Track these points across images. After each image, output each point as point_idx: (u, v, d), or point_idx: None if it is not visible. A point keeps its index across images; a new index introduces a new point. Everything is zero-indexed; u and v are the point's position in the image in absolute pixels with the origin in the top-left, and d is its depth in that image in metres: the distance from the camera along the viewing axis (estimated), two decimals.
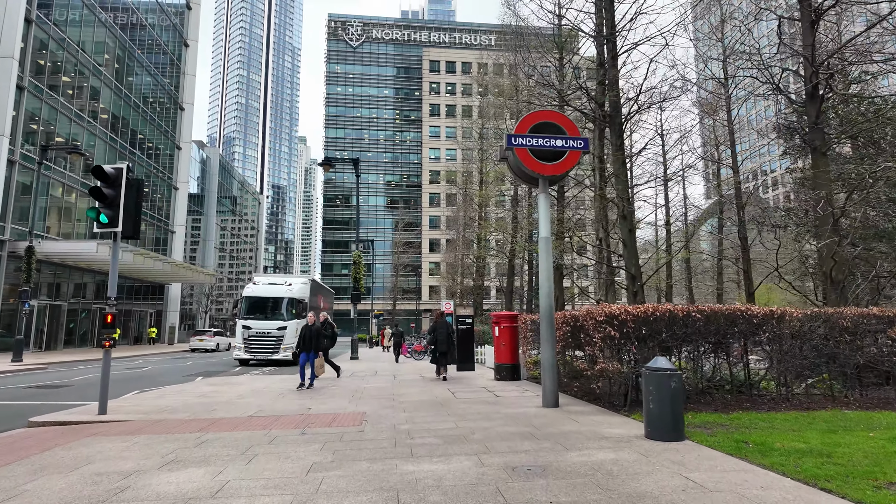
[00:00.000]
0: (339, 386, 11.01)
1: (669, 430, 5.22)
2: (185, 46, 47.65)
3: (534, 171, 7.67)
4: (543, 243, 7.72)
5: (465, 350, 14.60)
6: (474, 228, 34.01)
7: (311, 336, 10.30)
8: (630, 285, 10.72)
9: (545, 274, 7.62)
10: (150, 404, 8.63)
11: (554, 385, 7.39)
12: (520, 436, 5.52)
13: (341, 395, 9.48)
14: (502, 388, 10.05)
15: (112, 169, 7.70)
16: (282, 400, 8.92)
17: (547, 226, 7.78)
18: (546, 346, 7.46)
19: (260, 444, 5.38)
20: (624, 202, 10.81)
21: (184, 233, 47.34)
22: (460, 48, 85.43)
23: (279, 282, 20.52)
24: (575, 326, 7.88)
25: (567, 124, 7.91)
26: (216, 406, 8.24)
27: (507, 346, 11.30)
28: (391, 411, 7.38)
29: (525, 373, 11.67)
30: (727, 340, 7.30)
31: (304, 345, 10.34)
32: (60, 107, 29.77)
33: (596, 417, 6.55)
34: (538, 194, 7.89)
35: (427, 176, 79.53)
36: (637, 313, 6.74)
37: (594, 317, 7.05)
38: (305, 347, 10.32)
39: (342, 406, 8.02)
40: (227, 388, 11.00)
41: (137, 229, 8.15)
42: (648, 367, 5.37)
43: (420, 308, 71.39)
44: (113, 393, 11.01)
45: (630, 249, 10.77)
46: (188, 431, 6.16)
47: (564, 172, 7.79)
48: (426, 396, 9.00)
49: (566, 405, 7.53)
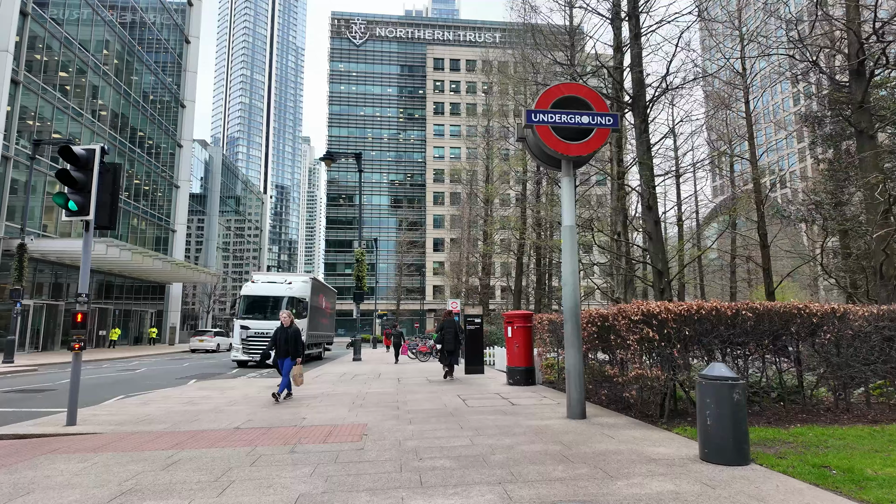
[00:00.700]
0: (338, 392, 10.15)
1: (731, 451, 4.31)
2: (187, 43, 47.04)
3: (556, 152, 6.77)
4: (568, 232, 6.82)
5: (474, 351, 13.73)
6: (480, 226, 33.13)
7: (288, 339, 8.70)
8: (656, 282, 9.80)
9: (569, 267, 6.73)
10: (129, 412, 7.81)
11: (581, 394, 6.50)
12: (549, 457, 4.63)
13: (341, 402, 8.62)
14: (517, 394, 9.16)
15: (83, 150, 6.88)
16: (274, 408, 8.07)
17: (571, 213, 6.89)
18: (571, 348, 6.57)
19: (240, 467, 4.52)
20: (650, 190, 9.89)
21: (185, 232, 46.72)
22: (464, 46, 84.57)
23: (279, 280, 19.73)
24: (602, 327, 6.98)
25: (594, 98, 7.01)
26: (201, 415, 7.41)
27: (521, 349, 10.40)
28: (395, 423, 6.51)
29: (540, 377, 10.78)
30: (780, 342, 6.38)
31: (280, 350, 8.75)
32: (57, 102, 29.13)
33: (633, 432, 5.65)
34: (561, 178, 6.99)
35: (431, 175, 78.72)
36: (679, 311, 5.83)
37: (628, 316, 6.15)
38: (281, 353, 8.75)
39: (341, 416, 7.16)
40: (218, 393, 10.17)
41: (114, 220, 7.31)
42: (705, 376, 4.47)
43: (424, 308, 70.51)
44: (95, 398, 10.24)
45: (656, 242, 9.85)
46: (161, 448, 5.32)
47: (591, 153, 6.89)
48: (435, 404, 8.12)
49: (594, 416, 6.63)
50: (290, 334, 8.69)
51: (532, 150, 7.22)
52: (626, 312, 6.21)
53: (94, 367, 19.66)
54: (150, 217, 40.34)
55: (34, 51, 27.84)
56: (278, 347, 8.76)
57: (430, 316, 70.78)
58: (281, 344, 8.74)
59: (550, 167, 7.26)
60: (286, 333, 8.72)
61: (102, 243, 27.12)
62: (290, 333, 8.70)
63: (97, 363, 21.59)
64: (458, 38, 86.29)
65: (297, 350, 8.71)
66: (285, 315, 8.98)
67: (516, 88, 26.15)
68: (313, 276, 21.24)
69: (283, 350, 8.72)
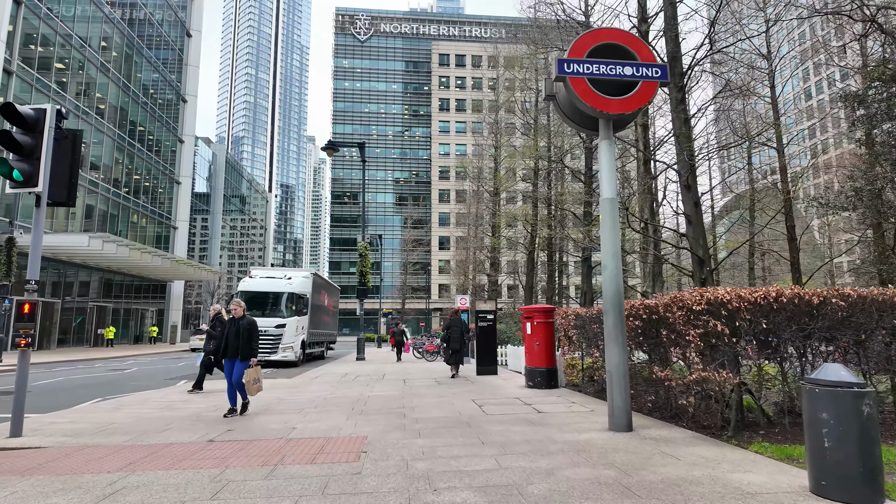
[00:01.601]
0: (337, 395, 9.05)
1: (860, 484, 3.16)
2: (188, 36, 46.22)
3: (594, 109, 5.62)
4: (608, 206, 5.68)
5: (486, 350, 12.62)
6: (487, 221, 31.98)
7: (239, 334, 6.83)
8: (696, 271, 8.62)
9: (610, 247, 5.58)
10: (93, 419, 6.75)
11: (626, 401, 5.35)
12: (606, 488, 3.50)
13: (339, 407, 7.52)
14: (540, 399, 8.02)
15: (31, 110, 5.82)
16: (262, 414, 7.00)
17: (612, 183, 5.73)
18: (613, 345, 5.42)
19: (198, 500, 3.43)
20: (689, 168, 8.72)
21: (187, 229, 45.92)
22: (470, 41, 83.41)
23: (278, 275, 18.68)
24: (648, 320, 5.83)
25: (637, 46, 5.86)
26: (175, 423, 6.33)
27: (542, 347, 9.26)
28: (401, 435, 5.39)
29: (563, 379, 9.63)
30: (874, 337, 5.18)
31: (228, 348, 6.88)
32: (52, 94, 28.30)
33: (700, 450, 4.50)
34: (599, 141, 5.84)
35: (436, 172, 77.64)
36: (755, 299, 4.67)
37: (686, 306, 4.99)
38: (230, 352, 6.87)
39: (337, 425, 6.05)
40: (202, 396, 9.12)
41: (73, 195, 6.26)
42: (818, 381, 3.32)
43: (430, 307, 69.41)
44: (71, 401, 9.22)
45: (696, 226, 8.67)
46: (107, 470, 4.23)
47: (635, 110, 5.74)
48: (446, 410, 7.00)
49: (642, 427, 5.48)
50: (242, 328, 6.87)
51: (563, 109, 6.07)
52: (685, 302, 5.05)
53: (85, 366, 18.75)
54: (150, 214, 39.54)
55: (28, 41, 27.02)
56: (226, 345, 6.91)
57: (435, 315, 69.70)
58: (230, 340, 6.87)
59: (584, 129, 6.12)
60: (236, 326, 6.88)
61: (98, 239, 26.24)
62: (242, 327, 6.88)
63: (90, 362, 20.68)
64: (463, 34, 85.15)
65: (249, 348, 6.87)
66: (235, 304, 7.10)
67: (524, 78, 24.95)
68: (314, 272, 20.19)
69: (231, 348, 6.86)
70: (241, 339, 6.86)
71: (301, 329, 17.75)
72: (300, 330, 17.65)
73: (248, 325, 6.94)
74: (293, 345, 17.06)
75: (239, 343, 6.86)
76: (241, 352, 6.83)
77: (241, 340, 6.86)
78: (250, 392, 6.91)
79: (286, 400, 8.49)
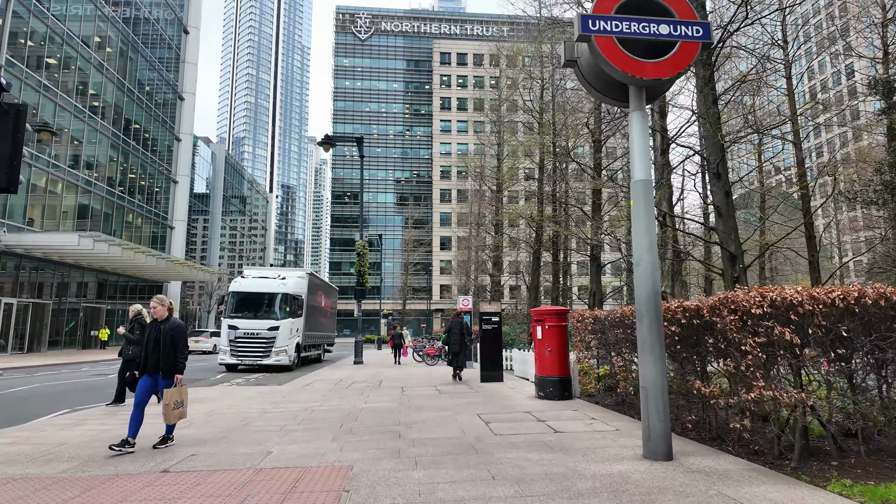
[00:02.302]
0: (326, 407, 8.15)
1: None
2: (186, 33, 45.45)
3: (626, 74, 4.72)
4: (641, 189, 4.77)
5: (492, 355, 11.72)
6: (490, 220, 31.10)
7: (161, 341, 5.26)
8: (728, 269, 7.70)
9: (645, 238, 4.67)
10: (41, 440, 5.86)
11: (666, 424, 4.44)
12: None
13: (327, 423, 6.62)
14: (555, 413, 7.11)
15: None
16: (239, 431, 6.10)
17: (645, 161, 4.83)
18: (650, 356, 4.51)
19: None
20: (718, 154, 7.81)
21: (184, 229, 45.09)
22: (472, 39, 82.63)
23: (271, 275, 17.79)
24: (688, 325, 4.92)
25: (674, 0, 4.95)
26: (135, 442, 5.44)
27: (554, 353, 8.34)
28: (394, 465, 4.49)
29: (577, 388, 8.72)
30: None
31: (147, 360, 5.30)
32: (43, 89, 27.51)
33: (769, 492, 3.59)
34: (630, 113, 4.94)
35: (438, 172, 76.83)
36: (832, 300, 3.75)
37: (742, 308, 4.08)
38: (150, 365, 5.29)
39: (320, 449, 5.15)
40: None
41: (14, 180, 5.36)
42: None
43: (431, 308, 68.51)
44: (32, 413, 8.28)
45: (727, 219, 7.76)
46: None
47: (673, 76, 4.84)
48: (449, 429, 6.10)
49: (683, 454, 4.57)
50: (164, 334, 5.24)
51: (586, 76, 5.17)
52: (739, 303, 4.14)
53: (70, 370, 17.90)
54: (146, 213, 38.76)
55: (17, 34, 26.24)
56: (145, 355, 5.31)
57: (437, 316, 68.82)
58: (149, 350, 5.28)
59: (611, 99, 5.21)
60: (158, 332, 5.28)
61: (89, 238, 25.43)
62: (165, 333, 5.25)
63: (76, 366, 19.83)
64: (464, 32, 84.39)
65: (175, 359, 5.23)
66: (157, 302, 5.44)
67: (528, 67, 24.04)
68: (310, 272, 19.31)
69: (151, 360, 5.26)
70: (162, 348, 5.23)
71: (296, 331, 16.88)
72: (294, 332, 16.79)
73: (173, 330, 5.29)
74: (287, 348, 16.18)
75: (160, 353, 5.23)
76: (163, 365, 5.24)
77: (162, 350, 5.23)
78: (169, 419, 5.22)
79: (269, 413, 7.59)
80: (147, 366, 5.32)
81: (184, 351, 5.35)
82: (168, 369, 5.27)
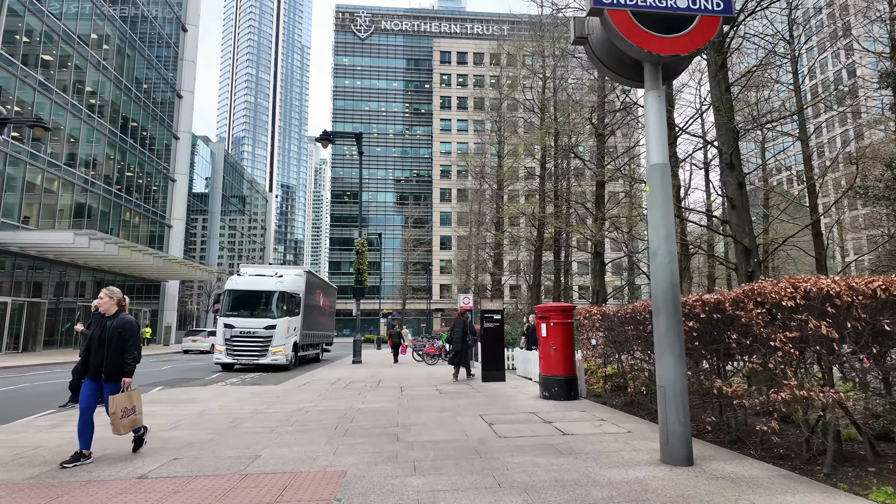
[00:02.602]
0: (321, 408, 7.81)
1: None
2: (184, 31, 45.14)
3: (641, 50, 4.38)
4: (658, 173, 4.43)
5: (493, 354, 11.39)
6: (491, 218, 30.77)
7: (107, 341, 4.52)
8: (742, 263, 7.36)
9: (662, 229, 4.34)
10: (17, 442, 5.51)
11: (686, 427, 4.09)
12: None
13: (321, 424, 6.28)
14: (560, 414, 6.77)
15: None
16: (228, 433, 5.76)
17: (663, 143, 4.49)
18: (669, 354, 4.17)
19: None
20: (732, 144, 7.47)
21: (183, 227, 44.73)
22: (472, 38, 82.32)
23: (268, 273, 17.47)
24: (708, 321, 4.58)
25: None
26: (111, 447, 5.10)
27: (559, 351, 8.00)
28: (391, 469, 4.15)
29: (583, 388, 8.38)
30: None
31: (91, 362, 4.59)
32: (38, 85, 27.17)
33: (804, 500, 3.24)
34: (645, 93, 4.60)
35: (438, 171, 76.52)
36: (874, 290, 3.40)
37: (770, 300, 3.74)
38: (92, 368, 4.58)
39: (312, 452, 4.81)
40: (169, 408, 7.89)
41: None
42: None
43: (431, 307, 68.16)
44: (15, 413, 7.95)
45: (741, 211, 7.41)
46: None
47: (692, 52, 4.50)
48: (450, 431, 5.76)
49: (704, 459, 4.23)
50: (111, 331, 4.51)
51: (597, 54, 4.83)
52: (767, 295, 3.79)
53: (63, 370, 17.57)
54: (143, 211, 38.42)
55: (12, 28, 25.90)
56: (87, 356, 4.60)
57: (437, 315, 68.49)
58: (92, 350, 4.55)
59: (625, 78, 4.87)
60: (103, 329, 4.55)
61: (84, 236, 25.10)
62: (111, 330, 4.52)
63: (69, 366, 19.45)
64: (465, 31, 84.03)
65: (121, 362, 4.51)
66: (105, 295, 4.67)
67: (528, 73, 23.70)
68: (307, 270, 18.98)
69: (94, 362, 4.53)
70: (107, 348, 4.47)
71: (293, 330, 16.55)
72: (292, 331, 16.45)
73: (121, 327, 4.54)
74: (284, 347, 15.85)
75: (105, 354, 4.47)
76: (106, 368, 4.49)
77: (107, 350, 4.47)
78: (118, 429, 4.52)
79: (261, 413, 7.25)
80: (89, 368, 4.58)
81: (132, 351, 4.59)
82: (113, 372, 4.51)
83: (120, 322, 4.61)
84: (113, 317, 4.66)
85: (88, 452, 4.62)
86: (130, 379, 4.65)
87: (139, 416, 4.79)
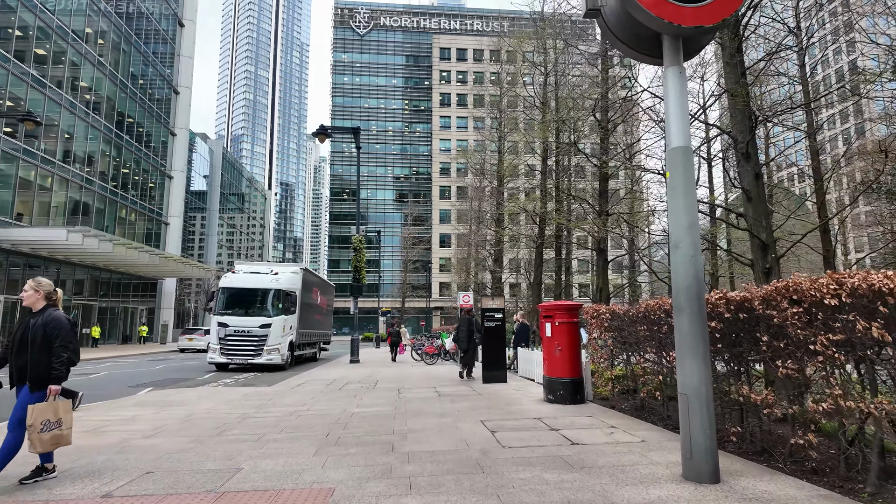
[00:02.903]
0: (313, 412, 7.40)
1: None
2: (181, 26, 44.61)
3: (661, 21, 3.96)
4: (680, 157, 4.01)
5: (494, 354, 10.98)
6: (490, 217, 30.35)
7: (31, 342, 3.85)
8: (758, 259, 6.94)
9: (685, 217, 3.92)
10: None
11: (712, 440, 3.68)
12: None
13: (311, 430, 5.87)
14: (568, 420, 6.36)
15: None
16: (211, 442, 5.35)
17: (684, 125, 4.07)
18: (692, 358, 3.75)
19: None
20: (747, 133, 7.05)
21: (180, 225, 44.29)
22: (471, 35, 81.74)
23: (263, 271, 17.04)
24: (733, 321, 4.17)
25: None
26: (83, 458, 4.69)
27: (565, 352, 7.59)
28: (384, 487, 3.74)
29: (590, 391, 7.97)
30: None
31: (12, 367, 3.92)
32: (32, 80, 26.71)
33: None
34: (665, 69, 4.18)
35: (437, 168, 76.01)
36: None
37: (808, 298, 3.33)
38: (14, 375, 3.90)
39: (298, 465, 4.40)
40: (154, 412, 7.48)
41: None
42: None
43: (430, 306, 67.78)
44: None
45: (757, 204, 6.99)
46: None
47: (717, 23, 4.07)
48: (449, 440, 5.35)
49: (732, 475, 3.82)
50: (35, 331, 3.87)
51: (612, 28, 4.40)
52: (804, 292, 3.38)
53: None
54: (139, 209, 37.98)
55: (5, 23, 25.43)
56: (11, 354, 3.92)
57: (436, 314, 68.13)
58: (14, 351, 3.89)
59: (642, 53, 4.44)
60: (26, 329, 3.91)
61: (78, 233, 24.69)
62: (35, 329, 3.87)
63: None
64: (464, 27, 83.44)
65: (47, 365, 3.84)
66: (29, 287, 4.02)
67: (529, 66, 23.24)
68: (304, 267, 18.56)
69: (16, 365, 3.88)
70: (31, 350, 3.82)
71: (289, 329, 16.14)
72: (288, 330, 16.05)
73: (47, 325, 3.88)
74: (279, 346, 15.45)
75: (29, 357, 3.81)
76: (30, 373, 3.82)
77: (31, 353, 3.81)
78: (37, 446, 3.80)
79: (250, 418, 6.85)
80: (11, 374, 3.87)
81: (60, 353, 3.85)
82: (38, 379, 3.81)
83: (46, 319, 3.91)
84: (39, 313, 3.97)
85: (52, 466, 4.18)
86: (58, 387, 3.89)
87: (66, 432, 3.96)
